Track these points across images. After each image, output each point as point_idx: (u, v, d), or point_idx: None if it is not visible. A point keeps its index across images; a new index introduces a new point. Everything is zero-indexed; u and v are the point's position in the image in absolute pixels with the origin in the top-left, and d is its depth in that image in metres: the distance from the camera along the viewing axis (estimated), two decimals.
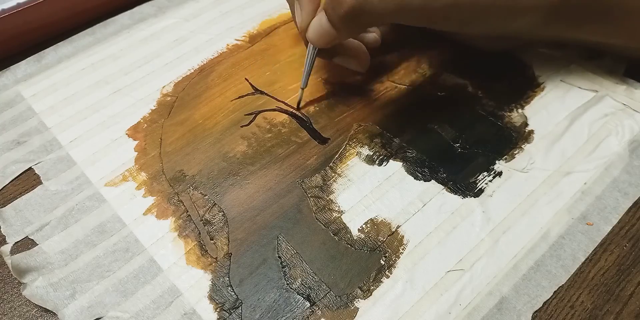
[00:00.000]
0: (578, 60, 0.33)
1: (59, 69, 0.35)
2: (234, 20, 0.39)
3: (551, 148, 0.30)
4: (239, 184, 0.29)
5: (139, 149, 0.31)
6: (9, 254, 0.26)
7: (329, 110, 0.32)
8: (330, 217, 0.27)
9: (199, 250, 0.26)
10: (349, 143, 0.30)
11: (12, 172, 0.30)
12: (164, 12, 0.39)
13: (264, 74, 0.35)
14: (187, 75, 0.35)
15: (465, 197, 0.28)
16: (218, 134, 0.31)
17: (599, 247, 0.26)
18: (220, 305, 0.24)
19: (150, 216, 0.28)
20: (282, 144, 0.31)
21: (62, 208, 0.28)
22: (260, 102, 0.33)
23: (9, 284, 0.26)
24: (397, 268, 0.25)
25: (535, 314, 0.24)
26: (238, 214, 0.28)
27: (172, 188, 0.29)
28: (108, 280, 0.25)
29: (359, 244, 0.26)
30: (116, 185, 0.29)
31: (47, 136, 0.32)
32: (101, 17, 0.38)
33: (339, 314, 0.24)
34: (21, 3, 0.34)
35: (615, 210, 0.27)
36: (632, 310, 0.24)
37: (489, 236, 0.26)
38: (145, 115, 0.33)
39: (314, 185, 0.29)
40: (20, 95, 0.34)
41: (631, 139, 0.30)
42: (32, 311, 0.25)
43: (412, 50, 0.36)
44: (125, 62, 0.36)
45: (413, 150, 0.30)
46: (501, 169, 0.29)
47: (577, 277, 0.25)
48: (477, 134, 0.31)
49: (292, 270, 0.26)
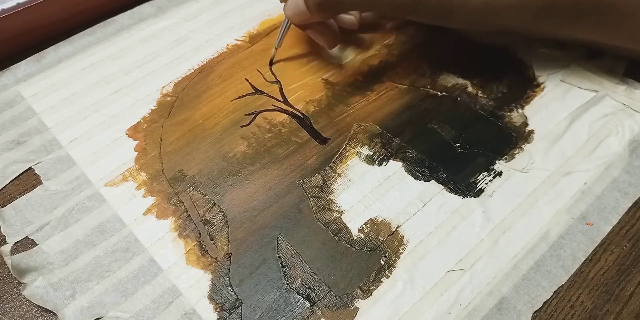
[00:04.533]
0: (578, 60, 0.33)
1: (59, 69, 0.35)
2: (234, 20, 0.39)
3: (551, 148, 0.30)
4: (239, 184, 0.29)
5: (139, 149, 0.31)
6: (9, 254, 0.26)
7: (329, 110, 0.32)
8: (330, 217, 0.27)
9: (199, 250, 0.26)
10: (349, 143, 0.30)
11: (12, 172, 0.30)
12: (164, 12, 0.39)
13: (264, 74, 0.35)
14: (187, 75, 0.35)
15: (465, 197, 0.28)
16: (218, 134, 0.31)
17: (599, 247, 0.26)
18: (220, 305, 0.24)
19: (150, 216, 0.28)
20: (282, 144, 0.31)
21: (62, 208, 0.28)
22: (260, 102, 0.33)
23: (9, 284, 0.26)
24: (397, 268, 0.25)
25: (535, 314, 0.24)
26: (238, 214, 0.28)
27: (172, 188, 0.29)
28: (108, 280, 0.25)
29: (359, 244, 0.26)
30: (116, 185, 0.29)
31: (47, 136, 0.32)
32: (101, 17, 0.38)
33: (339, 314, 0.24)
34: (21, 3, 0.34)
35: (615, 210, 0.27)
36: (632, 310, 0.24)
37: (489, 236, 0.26)
38: (145, 115, 0.33)
39: (314, 185, 0.29)
40: (20, 95, 0.34)
41: (631, 139, 0.30)
42: (32, 311, 0.25)
43: (412, 50, 0.36)
44: (125, 62, 0.36)
45: (413, 150, 0.30)
46: (501, 169, 0.29)
47: (577, 277, 0.25)
48: (477, 134, 0.31)
49: (292, 270, 0.26)
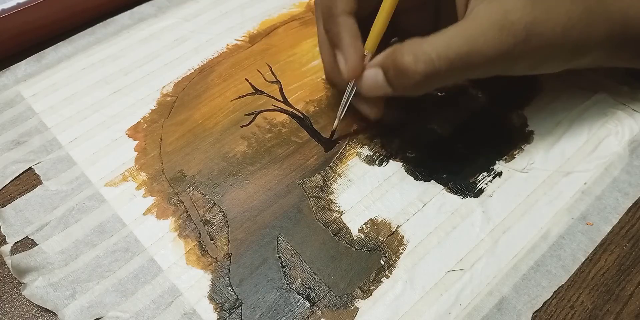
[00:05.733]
0: None
1: (59, 69, 0.35)
2: (234, 20, 0.39)
3: (551, 148, 0.30)
4: (239, 184, 0.29)
5: (139, 149, 0.31)
6: (9, 254, 0.26)
7: (329, 110, 0.32)
8: (330, 217, 0.27)
9: (199, 250, 0.26)
10: (349, 143, 0.30)
11: (12, 172, 0.30)
12: (164, 12, 0.39)
13: (264, 74, 0.35)
14: (187, 75, 0.35)
15: (465, 197, 0.28)
16: (218, 134, 0.31)
17: (599, 247, 0.26)
18: (220, 305, 0.24)
19: (150, 216, 0.28)
20: (282, 144, 0.31)
21: (62, 208, 0.28)
22: (260, 102, 0.33)
23: (9, 284, 0.26)
24: (397, 268, 0.25)
25: (535, 314, 0.24)
26: (238, 214, 0.28)
27: (172, 188, 0.29)
28: (108, 280, 0.25)
29: (359, 244, 0.26)
30: (116, 185, 0.29)
31: (47, 136, 0.32)
32: (101, 17, 0.38)
33: (339, 314, 0.24)
34: (21, 3, 0.34)
35: (615, 210, 0.27)
36: (632, 310, 0.24)
37: (489, 236, 0.26)
38: (145, 115, 0.33)
39: (314, 185, 0.29)
40: (20, 95, 0.34)
41: (631, 139, 0.30)
42: (32, 311, 0.25)
43: None
44: (125, 62, 0.36)
45: (413, 150, 0.30)
46: (501, 169, 0.29)
47: (577, 277, 0.25)
48: (477, 134, 0.31)
49: (292, 270, 0.26)
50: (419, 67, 0.23)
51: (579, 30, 0.24)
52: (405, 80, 0.23)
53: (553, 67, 0.26)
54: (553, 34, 0.23)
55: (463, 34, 0.22)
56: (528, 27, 0.22)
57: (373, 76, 0.25)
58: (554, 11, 0.23)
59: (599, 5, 0.24)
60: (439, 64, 0.22)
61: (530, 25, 0.22)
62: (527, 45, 0.23)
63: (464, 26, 0.23)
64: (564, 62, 0.26)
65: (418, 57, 0.23)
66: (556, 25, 0.23)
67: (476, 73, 0.24)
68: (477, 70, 0.24)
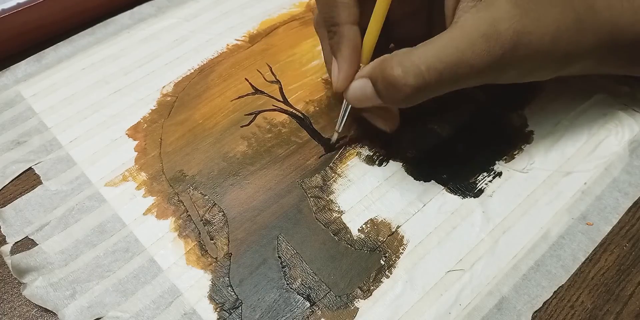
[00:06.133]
0: None
1: (59, 69, 0.35)
2: (234, 20, 0.39)
3: (551, 148, 0.30)
4: (239, 184, 0.29)
5: (139, 149, 0.31)
6: (9, 254, 0.26)
7: (329, 110, 0.32)
8: (330, 217, 0.27)
9: (199, 250, 0.26)
10: (349, 143, 0.30)
11: (12, 172, 0.30)
12: (164, 12, 0.39)
13: (264, 74, 0.35)
14: (187, 75, 0.35)
15: (465, 197, 0.28)
16: (218, 134, 0.31)
17: (599, 247, 0.26)
18: (220, 305, 0.24)
19: (150, 216, 0.28)
20: (282, 144, 0.31)
21: (62, 208, 0.28)
22: (260, 102, 0.33)
23: (9, 284, 0.26)
24: (397, 268, 0.25)
25: (535, 314, 0.24)
26: (238, 214, 0.28)
27: (172, 188, 0.29)
28: (108, 280, 0.25)
29: (359, 244, 0.26)
30: (116, 185, 0.29)
31: (47, 136, 0.32)
32: (101, 17, 0.38)
33: (339, 314, 0.24)
34: (21, 3, 0.34)
35: (615, 210, 0.27)
36: (632, 310, 0.24)
37: (489, 236, 0.26)
38: (145, 115, 0.33)
39: (314, 185, 0.29)
40: (20, 95, 0.34)
41: (631, 139, 0.30)
42: (32, 311, 0.25)
43: None
44: (125, 62, 0.36)
45: (413, 150, 0.30)
46: (501, 170, 0.29)
47: (577, 277, 0.25)
48: (477, 135, 0.31)
49: (292, 270, 0.26)
50: (408, 80, 0.22)
51: (568, 40, 0.23)
52: (395, 93, 0.23)
53: (542, 75, 0.26)
54: (541, 44, 0.23)
55: (451, 45, 0.22)
56: (516, 37, 0.22)
57: (361, 87, 0.25)
58: (542, 20, 0.23)
59: (588, 14, 0.24)
60: (429, 77, 0.22)
61: (518, 35, 0.22)
62: (515, 55, 0.23)
63: (452, 36, 0.22)
64: (553, 70, 0.26)
65: (407, 70, 0.22)
66: (545, 34, 0.23)
67: (466, 83, 0.24)
68: (466, 80, 0.23)
